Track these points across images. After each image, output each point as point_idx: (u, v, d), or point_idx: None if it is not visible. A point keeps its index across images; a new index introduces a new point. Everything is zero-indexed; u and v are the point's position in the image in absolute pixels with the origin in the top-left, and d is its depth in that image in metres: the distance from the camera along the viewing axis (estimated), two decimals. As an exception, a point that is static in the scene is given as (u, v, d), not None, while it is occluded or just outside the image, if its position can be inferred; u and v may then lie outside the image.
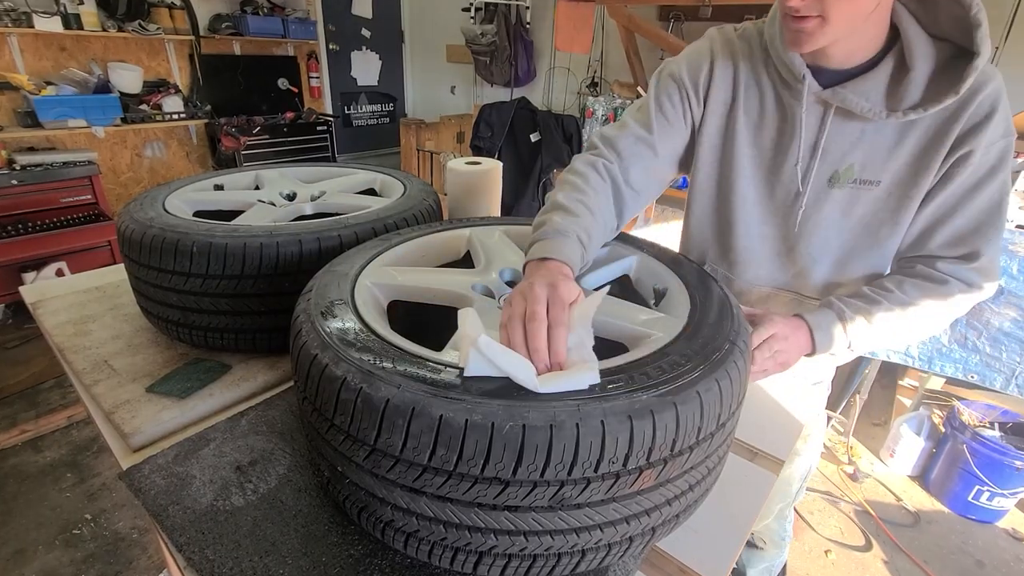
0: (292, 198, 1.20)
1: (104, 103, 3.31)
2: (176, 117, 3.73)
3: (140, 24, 3.43)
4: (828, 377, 1.19)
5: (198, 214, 1.07)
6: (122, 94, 3.46)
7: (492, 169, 1.37)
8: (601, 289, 0.62)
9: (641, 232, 2.91)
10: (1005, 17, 2.33)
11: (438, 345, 0.62)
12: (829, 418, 2.38)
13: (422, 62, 5.12)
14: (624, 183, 0.91)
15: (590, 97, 3.36)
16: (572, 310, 0.58)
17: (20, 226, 2.87)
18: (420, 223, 1.04)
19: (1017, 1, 2.26)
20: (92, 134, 3.35)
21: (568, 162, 0.96)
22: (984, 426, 2.12)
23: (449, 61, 4.78)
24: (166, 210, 1.00)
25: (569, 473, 0.49)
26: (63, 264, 2.94)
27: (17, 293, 1.27)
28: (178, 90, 3.80)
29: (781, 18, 0.79)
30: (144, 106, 3.60)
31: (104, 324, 1.09)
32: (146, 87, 3.66)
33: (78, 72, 3.35)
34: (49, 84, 3.22)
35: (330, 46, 4.72)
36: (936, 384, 2.31)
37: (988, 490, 2.03)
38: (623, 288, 0.91)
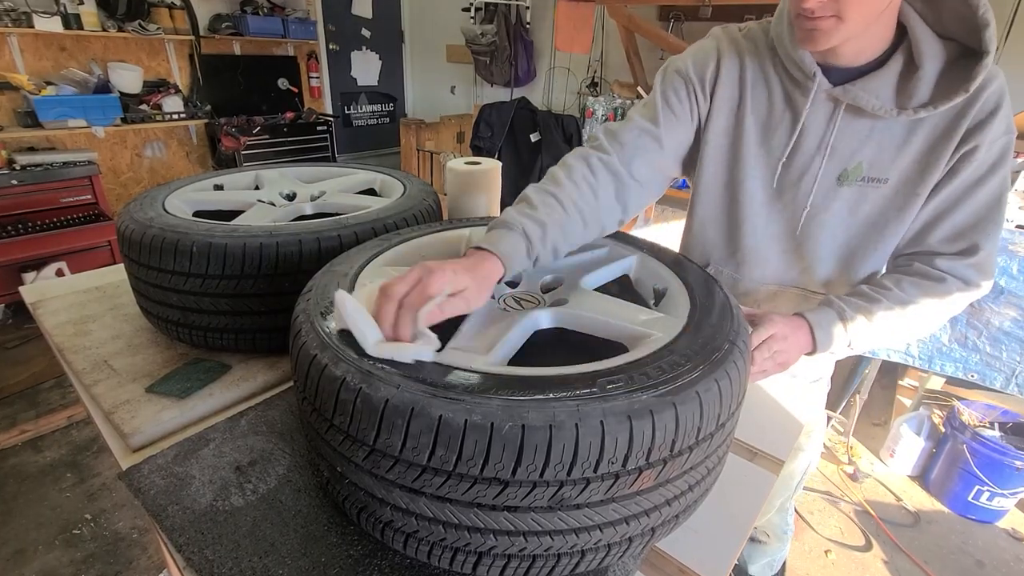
0: (292, 198, 1.20)
1: (104, 103, 3.31)
2: (176, 117, 3.72)
3: (140, 24, 3.42)
4: (827, 374, 1.19)
5: (198, 214, 1.07)
6: (122, 94, 3.46)
7: (492, 169, 1.36)
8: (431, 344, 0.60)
9: (641, 232, 2.91)
10: (1005, 17, 2.34)
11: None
12: (829, 418, 2.38)
13: (422, 62, 5.12)
14: (628, 175, 0.89)
15: (590, 97, 3.36)
16: (429, 303, 0.60)
17: (20, 226, 2.87)
18: (420, 223, 1.04)
19: (1017, 1, 2.25)
20: (92, 134, 3.35)
21: None
22: (984, 426, 2.12)
23: (449, 61, 4.78)
24: (166, 210, 1.00)
25: (568, 473, 0.49)
26: (63, 264, 2.94)
27: (17, 293, 1.27)
28: (178, 90, 3.80)
29: (794, 18, 0.79)
30: (144, 106, 3.60)
31: (104, 324, 1.09)
32: (146, 87, 3.66)
33: (78, 72, 3.35)
34: (49, 84, 3.22)
35: (330, 46, 4.72)
36: (936, 384, 2.31)
37: (988, 490, 2.03)
38: (623, 288, 0.90)
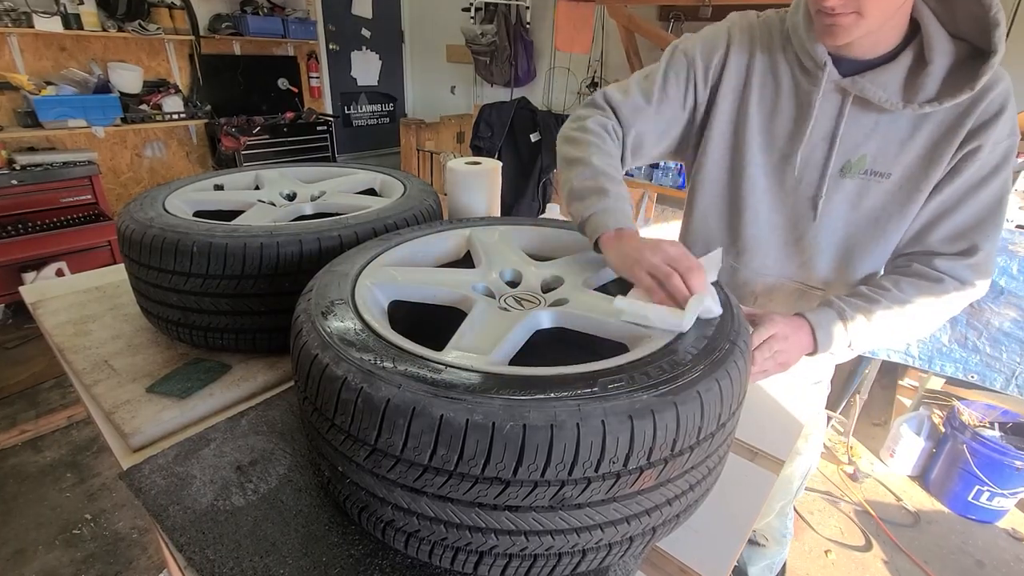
0: (292, 198, 1.20)
1: (104, 103, 3.31)
2: (176, 117, 3.72)
3: (140, 24, 3.42)
4: (827, 376, 1.19)
5: (198, 214, 1.06)
6: (122, 94, 3.46)
7: (492, 169, 1.36)
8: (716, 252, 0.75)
9: (641, 232, 2.89)
10: (1006, 17, 2.33)
11: (439, 345, 0.62)
12: (829, 418, 2.38)
13: (422, 62, 5.12)
14: (625, 146, 0.98)
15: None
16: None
17: (20, 226, 2.86)
18: (420, 223, 1.04)
19: (1017, 1, 2.26)
20: (92, 134, 3.35)
21: None
22: (984, 426, 2.12)
23: (449, 61, 4.77)
24: (166, 210, 1.00)
25: (570, 473, 0.49)
26: (63, 264, 2.93)
27: (17, 293, 1.27)
28: (178, 90, 3.80)
29: (813, 13, 0.80)
30: (144, 106, 3.60)
31: (104, 324, 1.09)
32: (146, 87, 3.66)
33: (78, 72, 3.35)
34: (49, 84, 3.22)
35: (330, 46, 4.72)
36: (936, 384, 2.31)
37: (988, 490, 2.03)
38: (623, 288, 0.90)
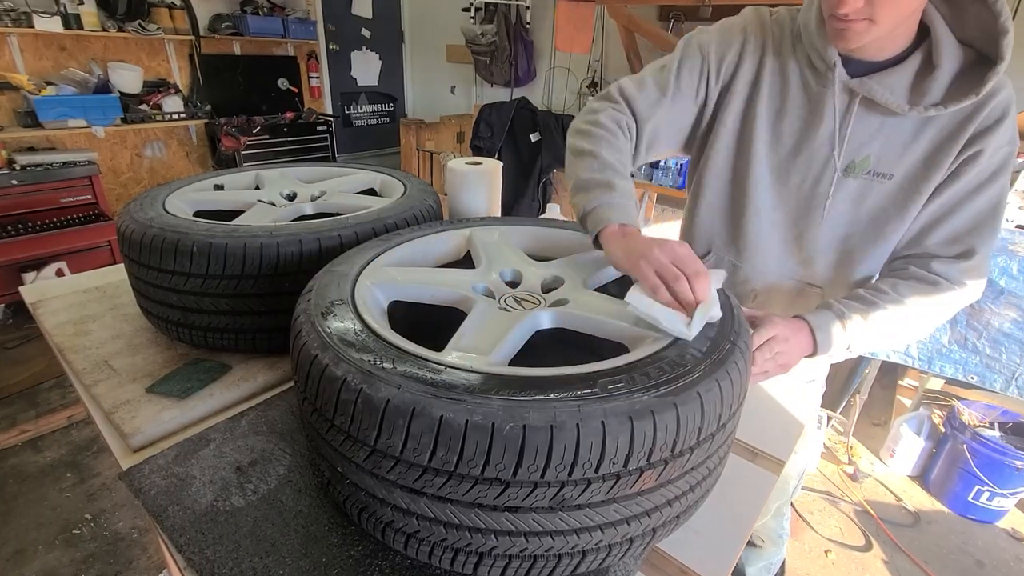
0: (292, 198, 1.20)
1: (104, 103, 3.31)
2: (176, 117, 3.72)
3: (140, 24, 3.42)
4: (822, 375, 1.20)
5: (198, 214, 1.06)
6: (122, 94, 3.46)
7: (492, 169, 1.36)
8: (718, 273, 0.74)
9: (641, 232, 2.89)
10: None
11: (438, 345, 0.62)
12: (829, 418, 2.38)
13: (422, 62, 5.11)
14: (640, 141, 0.97)
15: (590, 97, 3.35)
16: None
17: (20, 226, 2.86)
18: (420, 223, 1.04)
19: (1017, 1, 2.25)
20: (92, 134, 3.35)
21: None
22: (984, 426, 2.12)
23: (449, 61, 4.77)
24: (166, 210, 1.00)
25: (570, 474, 0.49)
26: (63, 264, 2.93)
27: (17, 293, 1.27)
28: (178, 90, 3.80)
29: (827, 17, 0.81)
30: (144, 106, 3.59)
31: (104, 324, 1.09)
32: (146, 87, 3.66)
33: (78, 72, 3.35)
34: (49, 84, 3.22)
35: (330, 46, 4.72)
36: (936, 384, 2.31)
37: (988, 490, 2.03)
38: (623, 288, 0.90)
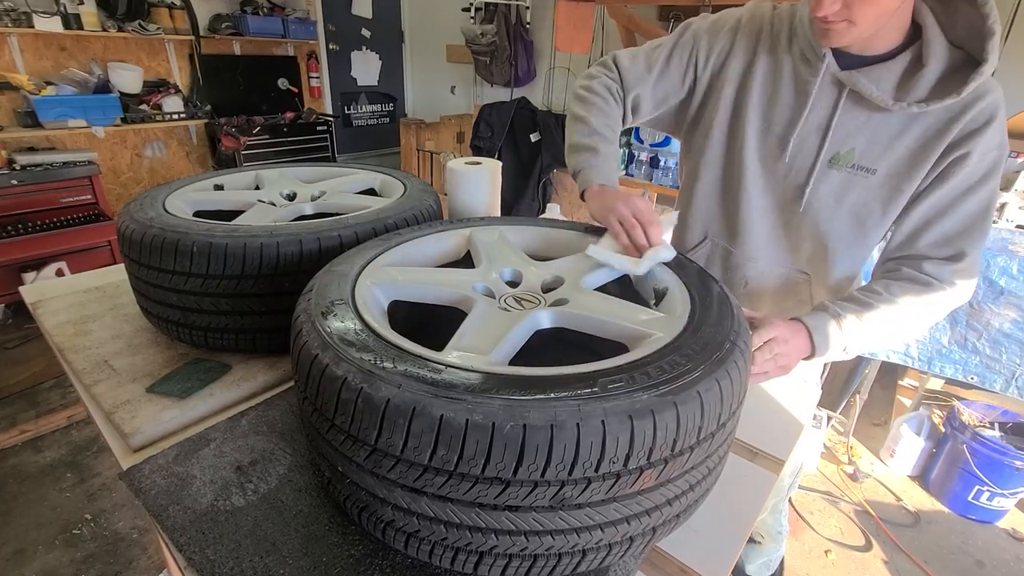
0: (292, 198, 1.20)
1: (104, 103, 3.30)
2: (176, 117, 3.72)
3: (140, 24, 3.42)
4: (814, 375, 1.20)
5: (198, 214, 1.06)
6: (122, 94, 3.45)
7: (492, 169, 1.37)
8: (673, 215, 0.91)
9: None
10: (1005, 17, 2.34)
11: (439, 345, 0.62)
12: (829, 418, 2.38)
13: (422, 62, 5.11)
14: (625, 106, 1.08)
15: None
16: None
17: (20, 226, 2.86)
18: (420, 223, 1.04)
19: (1017, 1, 2.26)
20: (92, 134, 3.35)
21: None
22: (984, 426, 2.12)
23: (449, 61, 4.77)
24: (166, 210, 1.00)
25: (570, 473, 0.49)
26: (63, 264, 2.93)
27: (17, 293, 1.27)
28: (178, 90, 3.80)
29: (811, 17, 0.83)
30: (144, 106, 3.59)
31: (104, 324, 1.09)
32: (146, 87, 3.66)
33: (78, 72, 3.35)
34: (49, 84, 3.22)
35: (330, 46, 4.72)
36: (936, 384, 2.31)
37: (988, 490, 2.03)
38: (623, 288, 0.91)
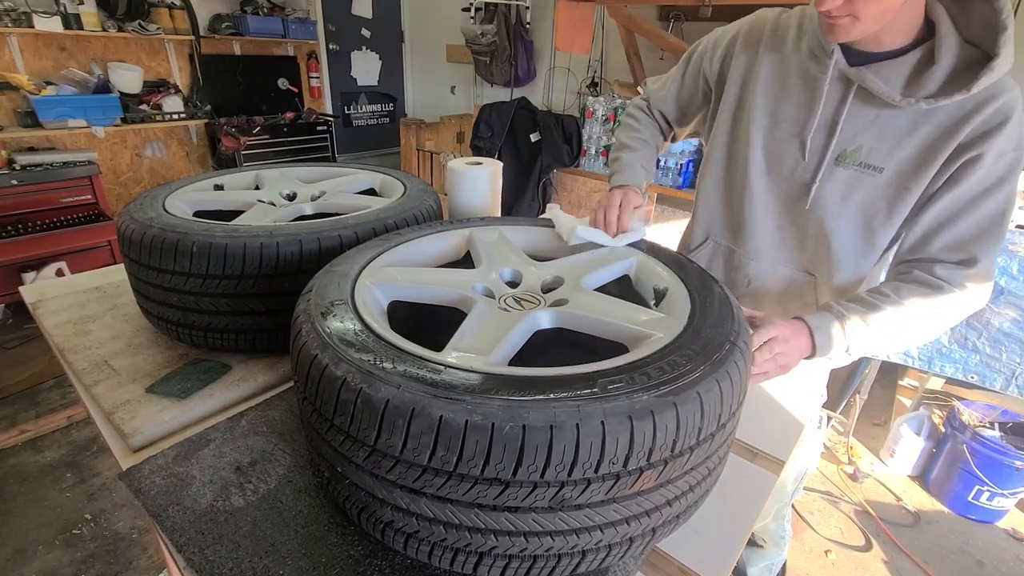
0: (292, 198, 1.20)
1: (104, 103, 3.31)
2: (176, 117, 3.72)
3: (140, 24, 3.42)
4: (821, 382, 1.18)
5: (198, 214, 1.06)
6: (122, 94, 3.46)
7: (492, 169, 1.37)
8: (642, 209, 1.00)
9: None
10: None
11: (438, 345, 0.62)
12: (829, 418, 2.38)
13: (422, 62, 5.11)
14: (660, 121, 1.23)
15: (590, 97, 3.35)
16: (635, 211, 0.97)
17: (20, 226, 2.86)
18: (420, 223, 1.04)
19: (1017, 1, 2.25)
20: (92, 134, 3.35)
21: (568, 162, 1.22)
22: (984, 426, 2.12)
23: (449, 61, 4.77)
24: (166, 210, 1.00)
25: (569, 474, 0.49)
26: (63, 264, 2.93)
27: (17, 293, 1.27)
28: (178, 90, 3.80)
29: (817, 11, 0.82)
30: (144, 106, 3.59)
31: (104, 324, 1.09)
32: (146, 87, 3.66)
33: (78, 72, 3.35)
34: (49, 84, 3.22)
35: (330, 46, 4.72)
36: (936, 384, 2.31)
37: (988, 490, 2.03)
38: (623, 288, 0.91)
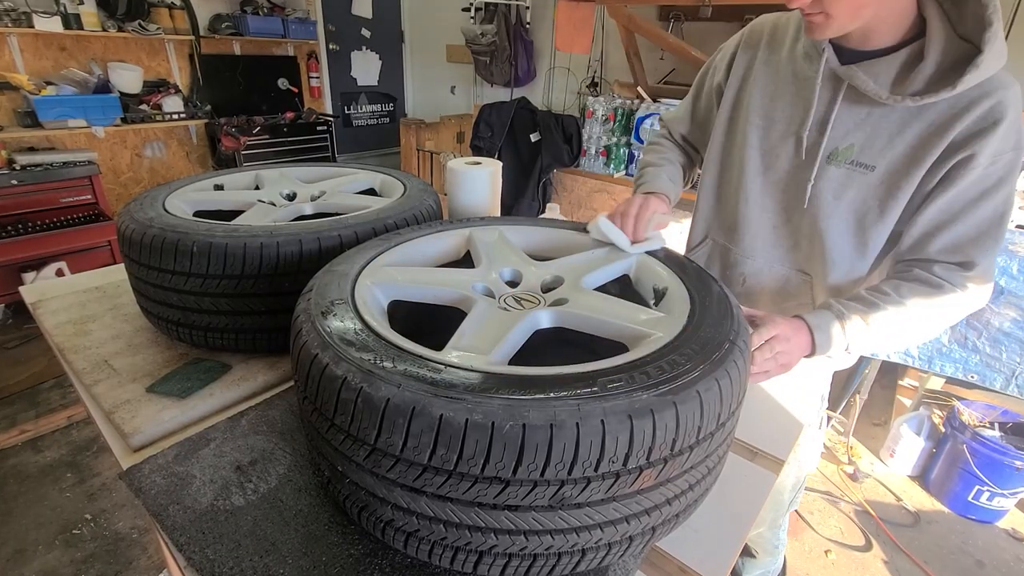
0: (292, 198, 1.20)
1: (104, 103, 3.31)
2: (176, 117, 3.72)
3: (140, 24, 3.42)
4: (823, 386, 1.18)
5: (198, 214, 1.06)
6: (122, 94, 3.46)
7: (492, 169, 1.37)
8: (666, 217, 1.00)
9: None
10: (1006, 17, 2.33)
11: (438, 344, 0.63)
12: (829, 418, 2.38)
13: (422, 62, 5.11)
14: (685, 143, 1.26)
15: (590, 97, 3.35)
16: (654, 216, 0.96)
17: (20, 226, 2.86)
18: (420, 223, 1.04)
19: (1017, 1, 2.26)
20: (92, 134, 3.35)
21: (568, 162, 1.21)
22: (984, 426, 2.12)
23: (449, 61, 4.77)
24: (166, 210, 1.00)
25: (569, 472, 0.49)
26: (63, 264, 2.93)
27: (17, 293, 1.27)
28: (178, 90, 3.80)
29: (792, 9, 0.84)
30: (144, 106, 3.59)
31: (104, 324, 1.09)
32: (146, 87, 3.66)
33: (78, 72, 3.35)
34: (49, 84, 3.22)
35: (330, 46, 4.72)
36: (936, 384, 2.31)
37: (988, 490, 2.03)
38: (623, 288, 0.91)
